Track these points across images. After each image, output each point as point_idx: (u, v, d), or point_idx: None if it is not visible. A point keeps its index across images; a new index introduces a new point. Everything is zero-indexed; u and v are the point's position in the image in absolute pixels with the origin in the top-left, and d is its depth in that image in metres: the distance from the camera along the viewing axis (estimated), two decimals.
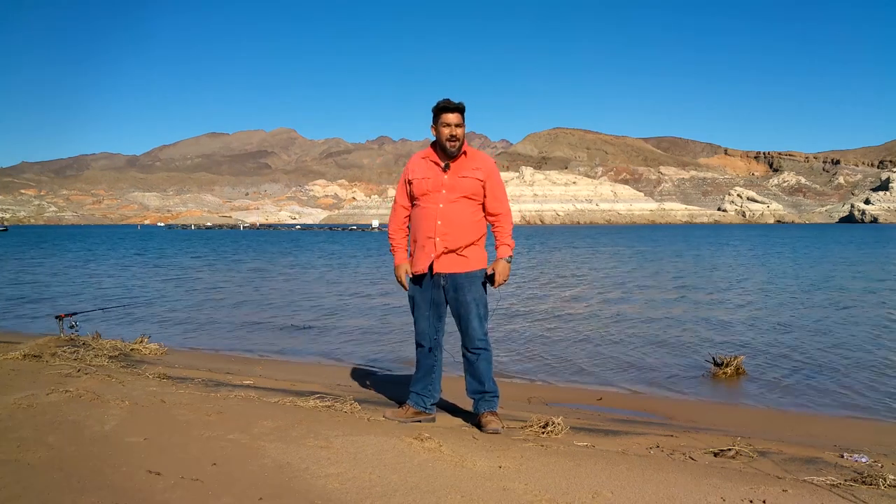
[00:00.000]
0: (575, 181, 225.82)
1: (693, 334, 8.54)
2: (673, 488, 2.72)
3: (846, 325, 9.17)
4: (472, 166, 3.71)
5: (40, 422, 3.43)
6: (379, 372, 6.23)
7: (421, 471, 2.87)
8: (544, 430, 3.63)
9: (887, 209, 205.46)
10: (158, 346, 6.64)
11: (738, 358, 6.22)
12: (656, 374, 6.36)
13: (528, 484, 2.74)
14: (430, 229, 3.69)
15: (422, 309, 3.81)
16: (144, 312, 10.79)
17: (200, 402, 3.99)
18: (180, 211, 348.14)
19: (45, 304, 11.86)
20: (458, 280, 3.72)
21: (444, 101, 3.68)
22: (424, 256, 3.73)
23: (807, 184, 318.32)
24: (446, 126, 3.63)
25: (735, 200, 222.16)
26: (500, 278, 3.70)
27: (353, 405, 4.03)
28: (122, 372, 5.03)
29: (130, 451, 3.03)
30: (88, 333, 6.78)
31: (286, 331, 8.98)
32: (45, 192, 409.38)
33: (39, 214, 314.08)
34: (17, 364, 5.03)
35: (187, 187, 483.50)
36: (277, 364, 6.71)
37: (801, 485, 2.81)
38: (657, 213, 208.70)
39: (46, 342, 6.13)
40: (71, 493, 2.54)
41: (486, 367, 3.80)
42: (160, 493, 2.56)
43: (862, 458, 3.42)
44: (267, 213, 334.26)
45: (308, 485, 2.69)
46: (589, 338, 8.25)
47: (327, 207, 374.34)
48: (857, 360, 6.88)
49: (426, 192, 3.72)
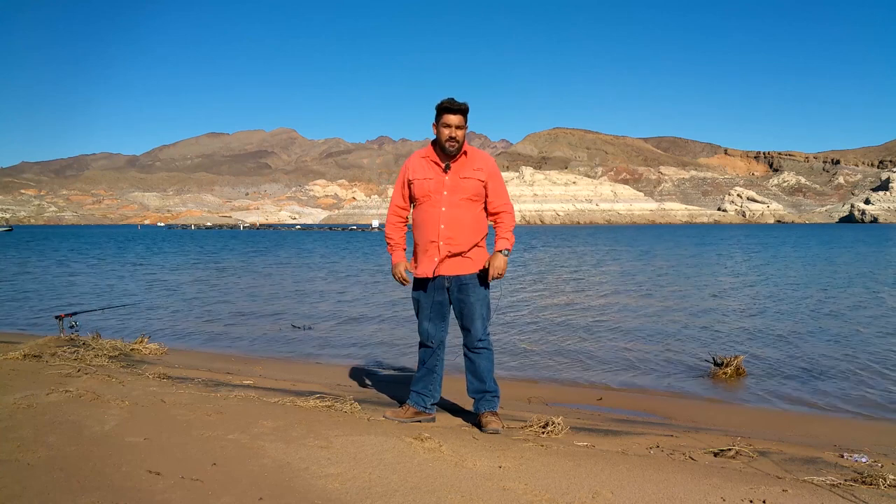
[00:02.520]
0: (575, 181, 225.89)
1: (693, 334, 8.54)
2: (673, 488, 2.72)
3: (846, 326, 9.16)
4: (474, 167, 3.69)
5: (40, 422, 3.43)
6: (379, 372, 6.23)
7: (421, 471, 2.87)
8: (544, 430, 3.64)
9: (887, 209, 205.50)
10: (158, 346, 6.64)
11: (738, 358, 6.22)
12: (656, 374, 6.36)
13: (528, 484, 2.74)
14: (434, 233, 3.67)
15: (426, 311, 3.81)
16: (144, 312, 10.79)
17: (200, 402, 3.99)
18: (180, 211, 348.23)
19: (45, 304, 11.86)
20: (462, 281, 3.71)
21: (448, 100, 3.64)
22: (428, 260, 3.71)
23: (807, 184, 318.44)
24: (447, 127, 3.60)
25: (735, 200, 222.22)
26: (493, 272, 3.65)
27: (353, 405, 4.03)
28: (122, 372, 5.03)
29: (130, 451, 3.03)
30: (88, 333, 6.79)
31: (286, 331, 8.97)
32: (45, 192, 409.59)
33: (39, 214, 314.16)
34: (17, 364, 5.03)
35: (187, 187, 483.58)
36: (277, 364, 6.71)
37: (801, 485, 2.81)
38: (657, 213, 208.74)
39: (46, 342, 6.13)
40: (71, 493, 2.54)
41: (488, 366, 3.80)
42: (160, 493, 2.56)
43: (862, 458, 3.42)
44: (267, 213, 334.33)
45: (308, 485, 2.69)
46: (589, 338, 8.25)
47: (327, 207, 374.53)
48: (857, 360, 6.88)
49: (427, 194, 3.68)
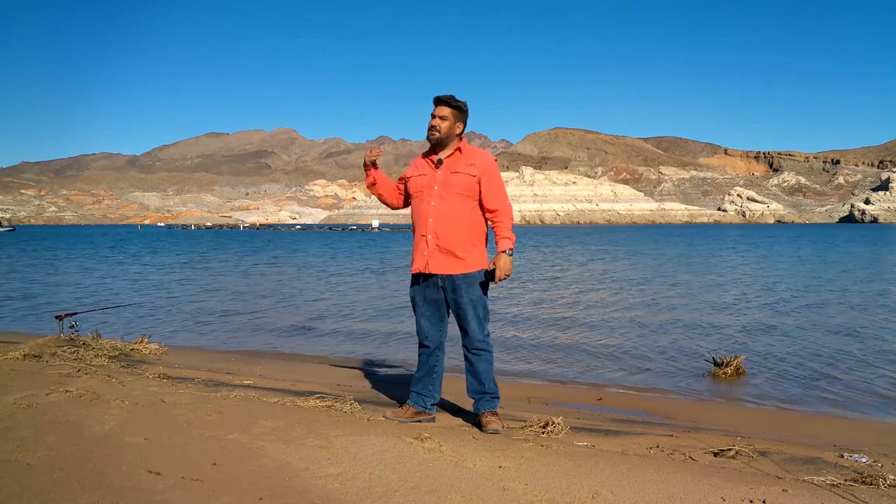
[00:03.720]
0: (575, 181, 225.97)
1: (693, 334, 8.54)
2: (673, 488, 2.72)
3: (846, 325, 9.16)
4: (467, 162, 3.69)
5: (40, 422, 3.43)
6: (379, 372, 6.22)
7: (421, 471, 2.87)
8: (544, 430, 3.63)
9: (887, 209, 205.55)
10: (158, 346, 6.63)
11: (738, 358, 6.22)
12: (656, 373, 6.36)
13: (528, 484, 2.74)
14: (423, 227, 3.72)
15: (423, 309, 3.82)
16: (144, 312, 10.79)
17: (200, 402, 3.99)
18: (180, 211, 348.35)
19: (45, 303, 11.86)
20: (455, 282, 3.71)
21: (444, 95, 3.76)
22: (419, 255, 3.75)
23: (807, 184, 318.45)
24: (432, 117, 3.71)
25: (735, 200, 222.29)
26: (500, 273, 3.65)
27: (353, 405, 4.03)
28: (122, 372, 5.02)
29: (130, 451, 3.03)
30: (88, 333, 6.78)
31: (286, 331, 8.97)
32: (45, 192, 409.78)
33: (39, 214, 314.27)
34: (17, 364, 5.03)
35: (187, 187, 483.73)
36: (277, 364, 6.70)
37: (801, 485, 2.81)
38: (657, 213, 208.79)
39: (46, 342, 6.12)
40: (71, 493, 2.53)
41: (487, 367, 3.80)
42: (160, 493, 2.56)
43: (862, 458, 3.42)
44: (267, 213, 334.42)
45: (308, 485, 2.69)
46: (589, 337, 8.25)
47: (327, 207, 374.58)
48: (857, 359, 6.88)
49: (420, 190, 3.75)
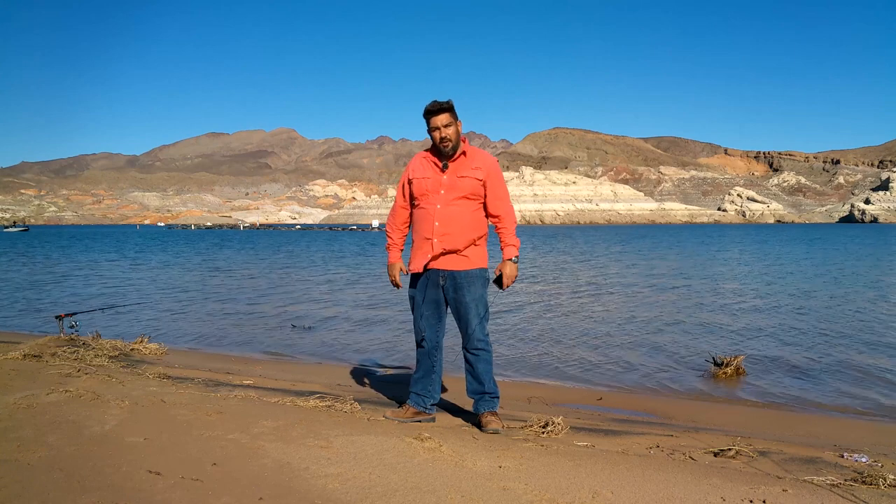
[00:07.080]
0: (575, 181, 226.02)
1: (693, 334, 8.54)
2: (673, 488, 2.72)
3: (847, 326, 9.16)
4: (472, 166, 3.68)
5: (40, 422, 3.43)
6: (379, 372, 6.22)
7: (421, 471, 2.87)
8: (544, 430, 3.63)
9: (887, 209, 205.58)
10: (158, 346, 6.64)
11: (738, 358, 6.22)
12: (656, 374, 6.36)
13: (528, 484, 2.74)
14: (428, 230, 3.68)
15: (421, 309, 3.80)
16: (144, 312, 10.79)
17: (200, 402, 3.99)
18: (180, 211, 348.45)
19: (45, 303, 11.86)
20: (457, 279, 3.70)
21: (430, 104, 3.65)
22: (421, 256, 3.72)
23: (807, 184, 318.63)
24: (436, 129, 3.62)
25: (735, 200, 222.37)
26: (508, 280, 3.68)
27: (353, 405, 4.03)
28: (122, 372, 5.02)
29: (130, 451, 3.02)
30: (88, 333, 6.78)
31: (286, 331, 8.97)
32: (45, 192, 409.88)
33: (39, 214, 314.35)
34: (17, 364, 5.03)
35: (187, 187, 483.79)
36: (277, 364, 6.70)
37: (801, 485, 2.81)
38: (657, 212, 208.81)
39: (46, 342, 6.12)
40: (71, 493, 2.53)
41: (487, 367, 3.79)
42: (160, 493, 2.56)
43: (862, 458, 3.42)
44: (267, 213, 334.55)
45: (308, 485, 2.69)
46: (589, 337, 8.25)
47: (327, 207, 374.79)
48: (857, 360, 6.88)
49: (425, 193, 3.70)
